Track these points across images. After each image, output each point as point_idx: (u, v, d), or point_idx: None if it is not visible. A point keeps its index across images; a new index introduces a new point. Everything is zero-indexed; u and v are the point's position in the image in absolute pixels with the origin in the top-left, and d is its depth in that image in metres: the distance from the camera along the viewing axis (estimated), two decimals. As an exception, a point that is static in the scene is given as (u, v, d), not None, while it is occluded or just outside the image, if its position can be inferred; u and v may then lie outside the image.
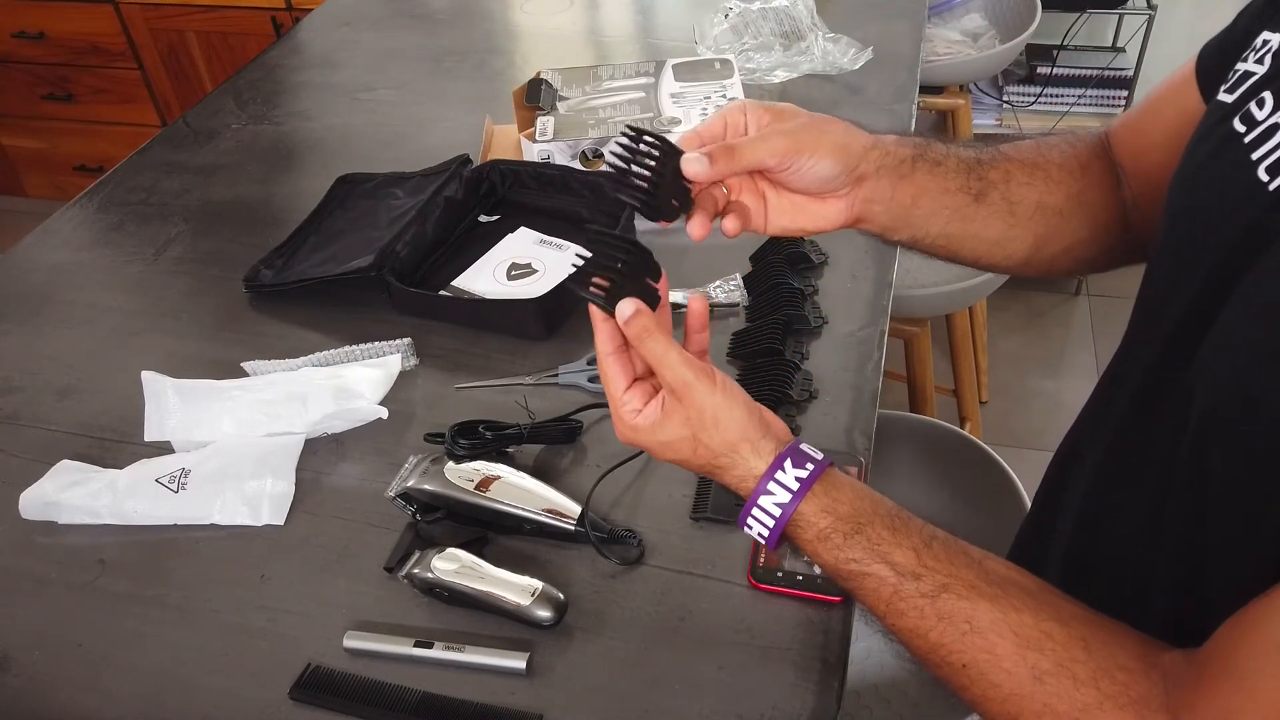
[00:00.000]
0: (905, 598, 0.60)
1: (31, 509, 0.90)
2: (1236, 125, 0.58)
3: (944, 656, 0.60)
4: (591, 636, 0.78)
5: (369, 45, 1.70)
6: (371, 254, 1.12)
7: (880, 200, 0.72)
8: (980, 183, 0.74)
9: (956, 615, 0.59)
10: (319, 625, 0.80)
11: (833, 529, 0.63)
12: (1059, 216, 0.76)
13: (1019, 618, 0.57)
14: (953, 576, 0.60)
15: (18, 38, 2.66)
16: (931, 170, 0.73)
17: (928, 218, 0.74)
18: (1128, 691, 0.54)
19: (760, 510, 0.64)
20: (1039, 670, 0.56)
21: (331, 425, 0.96)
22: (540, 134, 1.26)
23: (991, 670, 0.57)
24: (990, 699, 0.58)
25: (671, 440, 0.65)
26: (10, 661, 0.80)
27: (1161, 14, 2.35)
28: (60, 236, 1.29)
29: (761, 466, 0.64)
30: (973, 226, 0.75)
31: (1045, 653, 0.56)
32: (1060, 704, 0.55)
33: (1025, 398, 2.28)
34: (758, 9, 1.55)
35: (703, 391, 0.63)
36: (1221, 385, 0.54)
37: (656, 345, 0.63)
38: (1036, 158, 0.77)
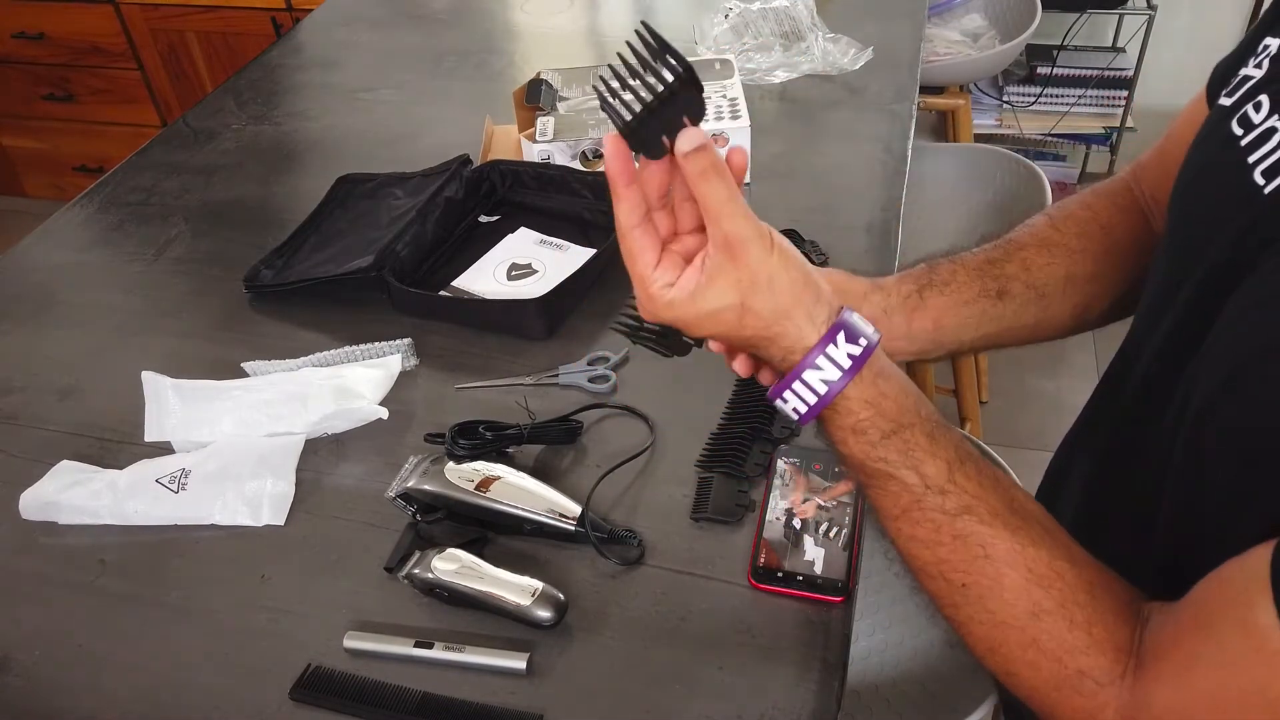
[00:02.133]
0: (925, 509, 0.59)
1: (31, 509, 0.90)
2: (1234, 128, 0.58)
3: (944, 571, 0.59)
4: (591, 636, 0.78)
5: (369, 45, 1.70)
6: (371, 254, 1.12)
7: (899, 338, 0.73)
8: (998, 281, 0.74)
9: (973, 539, 0.58)
10: (319, 625, 0.80)
11: (871, 424, 0.59)
12: (1093, 281, 0.76)
13: (1035, 553, 0.57)
14: (979, 499, 0.59)
15: (18, 38, 2.66)
16: (942, 291, 0.73)
17: (956, 332, 0.74)
18: (1113, 637, 0.55)
19: (803, 385, 0.59)
20: (1040, 607, 0.56)
21: (332, 425, 0.96)
22: (540, 134, 1.26)
23: (991, 597, 0.57)
24: (978, 621, 0.58)
25: (716, 310, 0.58)
26: (10, 661, 0.80)
27: (1161, 14, 2.35)
28: (60, 236, 1.29)
29: (814, 336, 0.58)
30: (1005, 322, 0.75)
31: (1050, 591, 0.56)
32: (1049, 642, 0.56)
33: (1025, 398, 2.28)
34: (758, 9, 1.55)
35: (760, 250, 0.57)
36: (1220, 383, 0.55)
37: (720, 189, 0.56)
38: (1052, 235, 0.76)
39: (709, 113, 1.26)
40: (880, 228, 1.19)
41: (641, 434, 0.94)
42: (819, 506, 0.86)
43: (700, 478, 0.90)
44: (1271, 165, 0.54)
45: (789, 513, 0.85)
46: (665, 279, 0.59)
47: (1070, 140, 2.64)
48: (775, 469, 0.89)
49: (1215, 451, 0.56)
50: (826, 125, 1.41)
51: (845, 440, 0.60)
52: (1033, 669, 0.56)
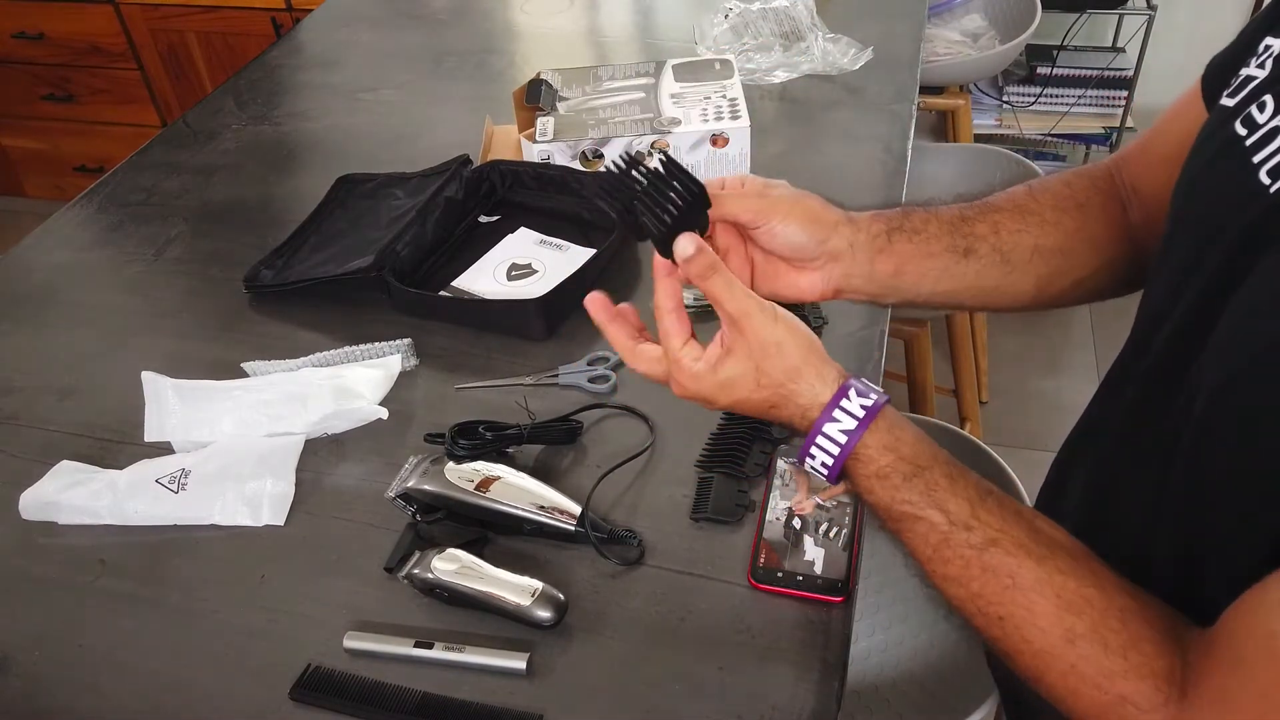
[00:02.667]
0: (953, 546, 0.61)
1: (31, 509, 0.90)
2: (1238, 128, 0.58)
3: (981, 607, 0.60)
4: (591, 636, 0.78)
5: (369, 45, 1.70)
6: (371, 254, 1.12)
7: (858, 275, 0.74)
8: (967, 239, 0.75)
9: (1001, 570, 0.59)
10: (319, 625, 0.80)
11: (893, 468, 0.63)
12: (1060, 255, 0.77)
13: (1063, 580, 0.58)
14: (1003, 532, 0.60)
15: (18, 38, 2.66)
16: (911, 239, 0.74)
17: (915, 283, 0.75)
18: (1151, 664, 0.55)
19: (825, 439, 0.63)
20: (1074, 633, 0.57)
21: (331, 425, 0.96)
22: (540, 134, 1.26)
23: (1027, 626, 0.58)
24: (1022, 651, 0.59)
25: (733, 377, 0.65)
26: (10, 661, 0.80)
27: (1161, 14, 2.35)
28: (60, 236, 1.29)
29: (827, 393, 0.64)
30: (965, 281, 0.76)
31: (1082, 617, 0.57)
32: (1087, 667, 0.56)
33: (1025, 398, 2.28)
34: (758, 9, 1.55)
35: (764, 319, 0.64)
36: (1225, 380, 0.55)
37: (719, 281, 0.63)
38: (1028, 203, 0.77)
39: (709, 113, 1.26)
40: (880, 228, 1.19)
41: (641, 434, 0.94)
42: (819, 506, 0.86)
43: (700, 478, 0.90)
44: (1277, 165, 0.54)
45: (789, 513, 0.85)
46: (692, 354, 0.66)
47: (1070, 140, 2.64)
48: (775, 469, 0.89)
49: (1221, 449, 0.56)
50: (826, 125, 1.41)
51: (871, 489, 0.64)
52: (1075, 696, 0.57)
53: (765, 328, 0.64)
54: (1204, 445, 0.57)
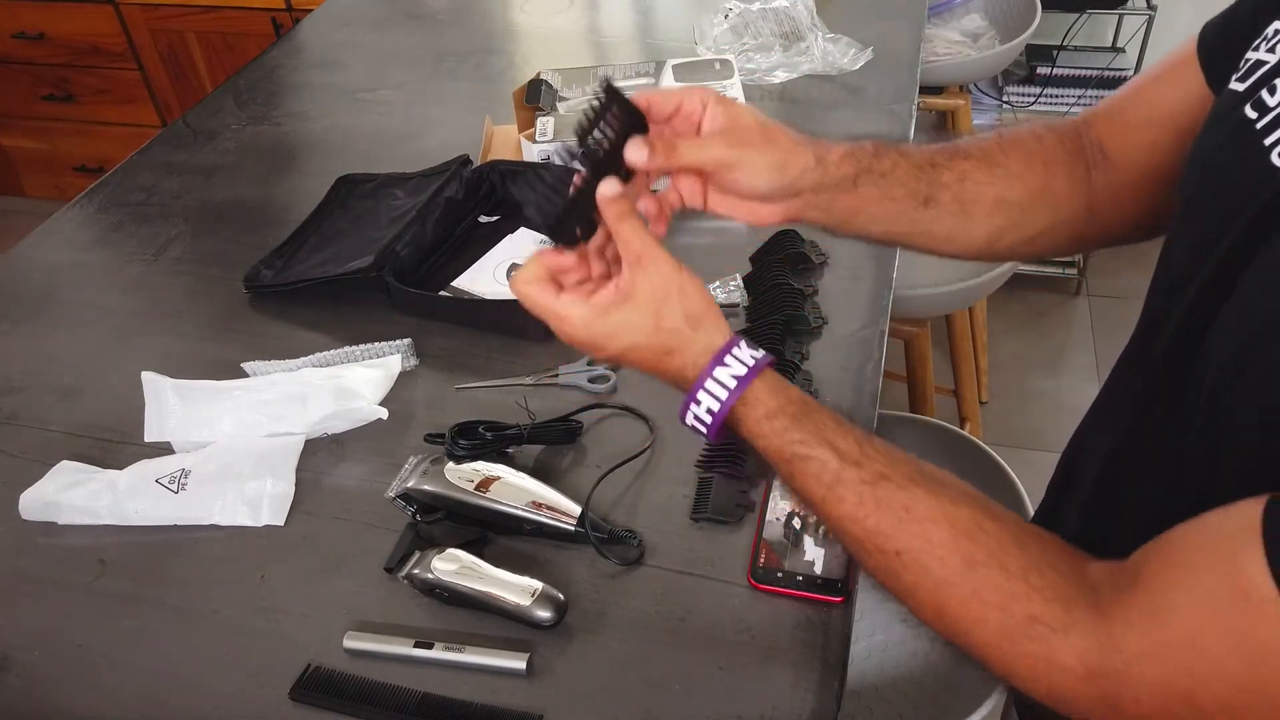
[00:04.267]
0: (845, 483, 0.60)
1: (31, 509, 0.90)
2: (1248, 112, 0.59)
3: (879, 543, 0.60)
4: (591, 636, 0.78)
5: (369, 45, 1.70)
6: (371, 254, 1.12)
7: (816, 209, 0.74)
8: (930, 186, 0.75)
9: (895, 503, 0.59)
10: (319, 625, 0.80)
11: (781, 409, 0.63)
12: (1019, 210, 0.77)
13: (955, 509, 0.58)
14: (892, 468, 0.60)
15: (18, 38, 2.66)
16: (877, 183, 0.74)
17: (868, 224, 0.76)
18: (1055, 587, 0.55)
19: (715, 383, 0.63)
20: (972, 559, 0.56)
21: (331, 425, 0.96)
22: (540, 134, 1.26)
23: (925, 556, 0.58)
24: (921, 585, 0.59)
25: (630, 320, 0.64)
26: (10, 661, 0.80)
27: (1161, 14, 2.35)
28: (60, 236, 1.29)
29: (721, 340, 0.64)
30: (919, 226, 0.76)
31: (978, 543, 0.57)
32: (989, 592, 0.56)
33: (1025, 398, 2.28)
34: (758, 9, 1.55)
35: (671, 264, 0.64)
36: (1235, 357, 0.55)
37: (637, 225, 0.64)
38: (997, 154, 0.77)
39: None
40: (880, 228, 1.19)
41: (641, 434, 0.94)
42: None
43: (700, 478, 0.90)
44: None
45: (789, 513, 0.85)
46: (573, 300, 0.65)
47: (1070, 140, 2.64)
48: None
49: (1233, 427, 0.56)
50: (826, 125, 1.41)
51: (762, 432, 0.63)
52: (981, 624, 0.56)
53: (672, 269, 0.64)
54: (1218, 424, 0.57)
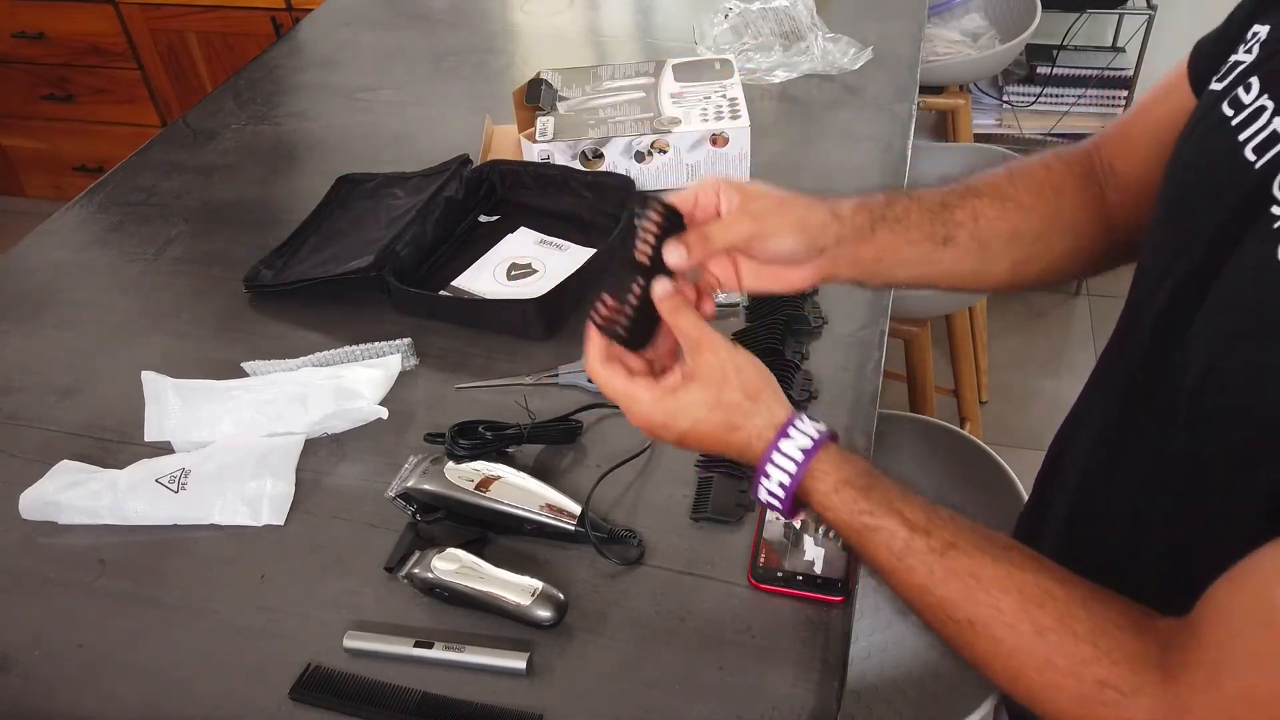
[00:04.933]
0: (915, 552, 0.61)
1: (31, 509, 0.90)
2: (1225, 110, 0.60)
3: (950, 613, 0.60)
4: (591, 636, 0.78)
5: (369, 45, 1.70)
6: (371, 254, 1.12)
7: (844, 263, 0.75)
8: (946, 227, 0.76)
9: (963, 571, 0.60)
10: (319, 625, 0.80)
11: (848, 481, 0.64)
12: (1036, 239, 0.78)
13: (1022, 575, 0.59)
14: (959, 535, 0.61)
15: (18, 38, 2.66)
16: (893, 228, 0.75)
17: (893, 269, 0.77)
18: (1123, 648, 0.55)
19: (782, 456, 0.65)
20: (1041, 625, 0.57)
21: (331, 425, 0.96)
22: (540, 134, 1.26)
23: (996, 625, 0.58)
24: (995, 654, 0.59)
25: (694, 398, 0.67)
26: (10, 661, 0.80)
27: (1161, 14, 2.35)
28: (60, 236, 1.29)
29: (783, 414, 0.67)
30: (942, 266, 0.77)
31: (1046, 608, 0.57)
32: (1060, 658, 0.56)
33: (1025, 398, 2.28)
34: (757, 9, 1.55)
35: (727, 347, 0.68)
36: (1213, 356, 0.55)
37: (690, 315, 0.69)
38: (1007, 188, 0.78)
39: (709, 113, 1.26)
40: (880, 228, 1.19)
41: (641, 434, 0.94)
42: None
43: (700, 478, 0.90)
44: (1261, 141, 0.55)
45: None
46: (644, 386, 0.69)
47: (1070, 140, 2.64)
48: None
49: (1211, 429, 0.56)
50: (826, 125, 1.41)
51: (831, 504, 0.65)
52: (1055, 690, 0.57)
53: (728, 352, 0.68)
54: (1198, 424, 0.57)
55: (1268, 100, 0.56)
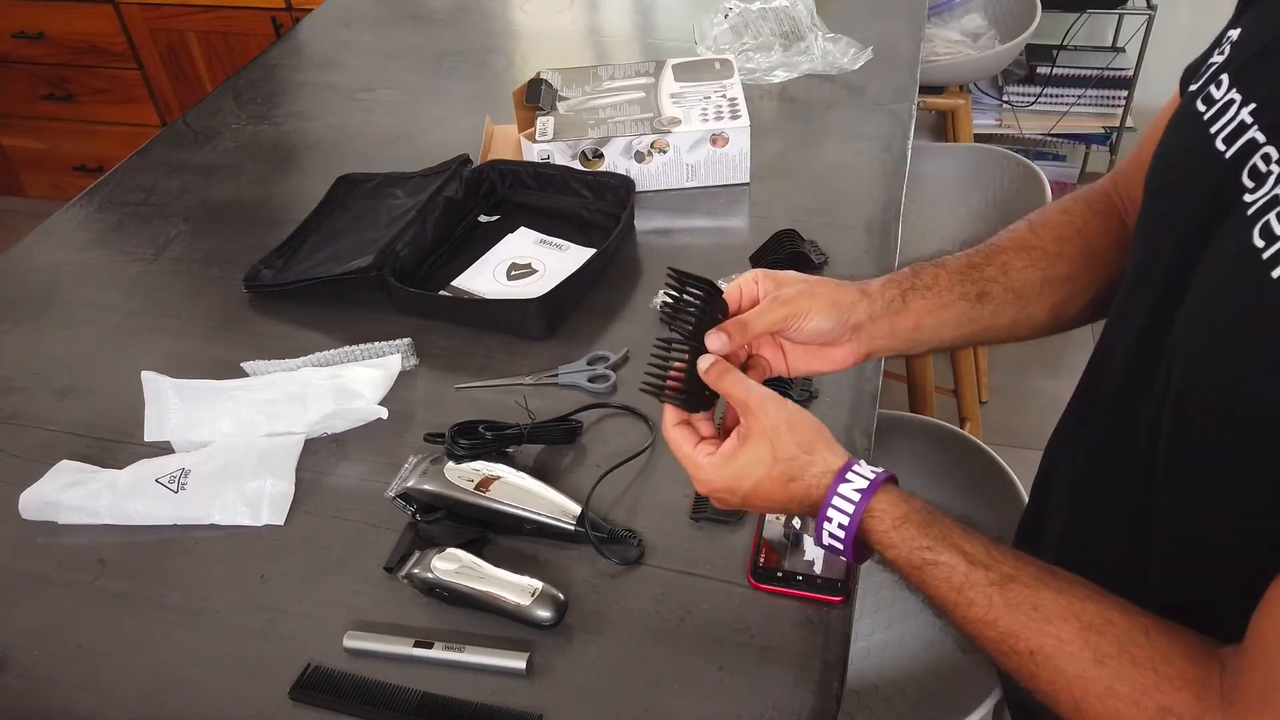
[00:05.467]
0: (975, 586, 0.62)
1: (31, 509, 0.90)
2: (1198, 106, 0.61)
3: (1012, 645, 0.61)
4: (591, 636, 0.78)
5: (369, 45, 1.70)
6: (371, 254, 1.12)
7: (882, 337, 0.78)
8: (978, 285, 0.78)
9: (1024, 603, 0.60)
10: (319, 625, 0.80)
11: (907, 518, 0.66)
12: (1069, 282, 0.79)
13: (1082, 605, 0.59)
14: (1019, 569, 0.62)
15: (18, 38, 2.66)
16: (924, 295, 0.78)
17: (935, 332, 0.79)
18: (1184, 675, 0.55)
19: (840, 499, 0.67)
20: (1101, 653, 0.57)
21: (331, 425, 0.96)
22: (540, 134, 1.26)
23: (1057, 654, 0.59)
24: (1057, 684, 0.59)
25: (751, 460, 0.69)
26: (10, 661, 0.80)
27: (1161, 14, 2.35)
28: (60, 236, 1.29)
29: (838, 461, 0.69)
30: (983, 322, 0.79)
31: (1106, 636, 0.58)
32: (1121, 685, 0.56)
33: (1025, 398, 2.28)
34: (757, 9, 1.55)
35: (777, 403, 0.70)
36: (1195, 356, 0.56)
37: (737, 380, 0.71)
38: (1030, 238, 0.80)
39: (709, 113, 1.26)
40: (880, 228, 1.19)
41: (641, 434, 0.94)
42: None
43: (700, 478, 0.89)
44: (1230, 132, 0.56)
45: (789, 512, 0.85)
46: (706, 451, 0.71)
47: (1070, 140, 2.64)
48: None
49: (1198, 427, 0.56)
50: (826, 125, 1.41)
51: (891, 542, 0.66)
52: (1118, 718, 0.57)
53: (778, 408, 0.70)
54: (1182, 421, 0.57)
55: (1236, 94, 0.57)
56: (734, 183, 1.28)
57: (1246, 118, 0.56)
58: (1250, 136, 0.55)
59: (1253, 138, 0.55)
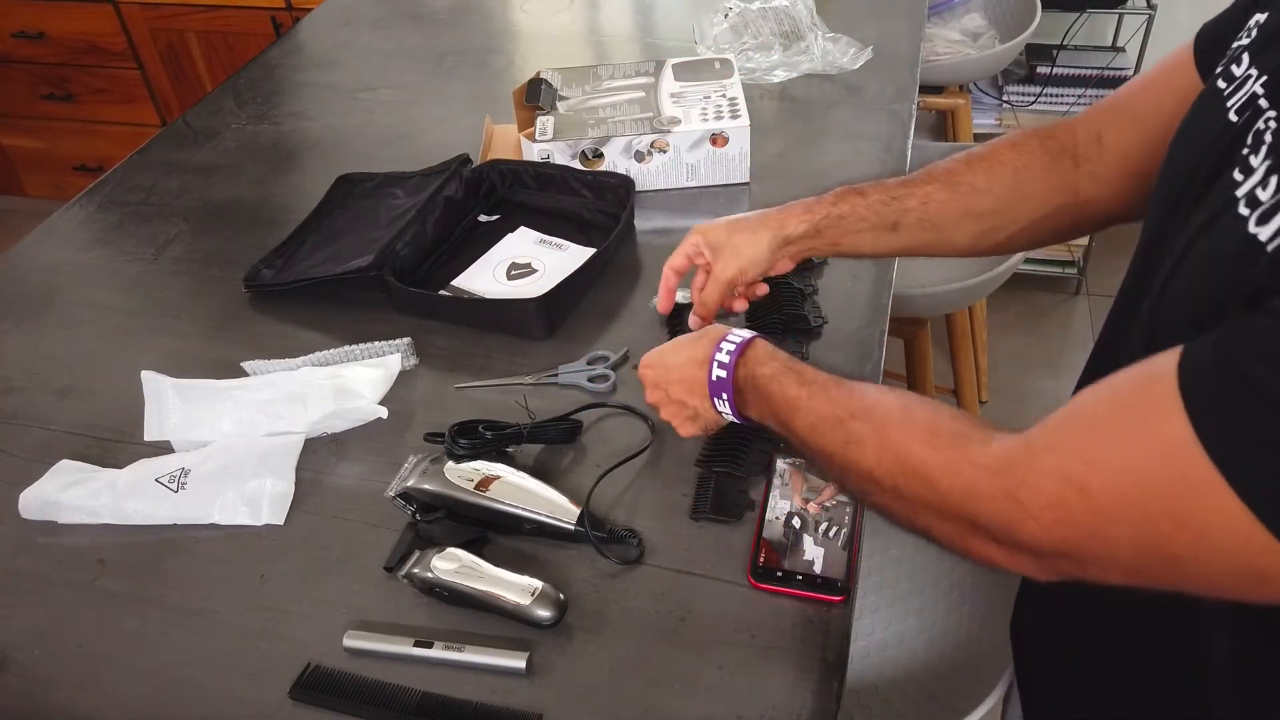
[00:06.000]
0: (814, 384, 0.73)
1: (31, 509, 0.90)
2: (1219, 83, 0.62)
3: (838, 414, 0.68)
4: (591, 636, 0.78)
5: (369, 45, 1.70)
6: (371, 254, 1.12)
7: (806, 252, 0.93)
8: (895, 215, 0.87)
9: (850, 390, 0.70)
10: (319, 625, 0.80)
11: (774, 355, 0.78)
12: (993, 216, 0.86)
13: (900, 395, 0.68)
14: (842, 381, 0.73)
15: (18, 38, 2.66)
16: (838, 224, 0.89)
17: (854, 249, 0.91)
18: (986, 425, 0.61)
19: (727, 342, 0.79)
20: (909, 407, 0.65)
21: (331, 425, 0.96)
22: (540, 134, 1.26)
23: (873, 410, 0.67)
24: (867, 435, 0.66)
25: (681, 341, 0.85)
26: (10, 661, 0.80)
27: (1161, 14, 2.35)
28: (60, 236, 1.29)
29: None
30: (898, 244, 0.89)
31: (915, 402, 0.66)
32: (923, 421, 0.63)
33: (1025, 398, 2.28)
34: (757, 9, 1.55)
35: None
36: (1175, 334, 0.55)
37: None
38: (960, 173, 0.87)
39: (709, 112, 1.26)
40: (880, 227, 1.19)
41: (641, 433, 0.94)
42: (819, 506, 0.86)
43: (700, 477, 0.90)
44: (1243, 104, 0.57)
45: (789, 512, 0.85)
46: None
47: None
48: (775, 468, 0.89)
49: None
50: (826, 125, 1.41)
51: (760, 374, 0.76)
52: (917, 443, 0.62)
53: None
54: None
55: (1253, 69, 0.59)
56: (734, 182, 1.28)
57: (1258, 89, 0.56)
58: (1258, 105, 0.56)
59: (1260, 105, 0.55)
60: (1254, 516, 0.44)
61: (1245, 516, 0.44)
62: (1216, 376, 0.46)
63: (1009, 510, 0.55)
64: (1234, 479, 0.45)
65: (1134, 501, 0.49)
